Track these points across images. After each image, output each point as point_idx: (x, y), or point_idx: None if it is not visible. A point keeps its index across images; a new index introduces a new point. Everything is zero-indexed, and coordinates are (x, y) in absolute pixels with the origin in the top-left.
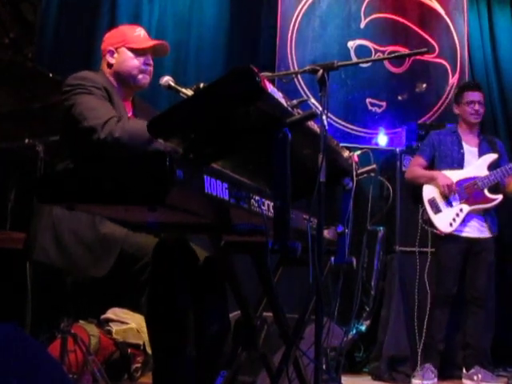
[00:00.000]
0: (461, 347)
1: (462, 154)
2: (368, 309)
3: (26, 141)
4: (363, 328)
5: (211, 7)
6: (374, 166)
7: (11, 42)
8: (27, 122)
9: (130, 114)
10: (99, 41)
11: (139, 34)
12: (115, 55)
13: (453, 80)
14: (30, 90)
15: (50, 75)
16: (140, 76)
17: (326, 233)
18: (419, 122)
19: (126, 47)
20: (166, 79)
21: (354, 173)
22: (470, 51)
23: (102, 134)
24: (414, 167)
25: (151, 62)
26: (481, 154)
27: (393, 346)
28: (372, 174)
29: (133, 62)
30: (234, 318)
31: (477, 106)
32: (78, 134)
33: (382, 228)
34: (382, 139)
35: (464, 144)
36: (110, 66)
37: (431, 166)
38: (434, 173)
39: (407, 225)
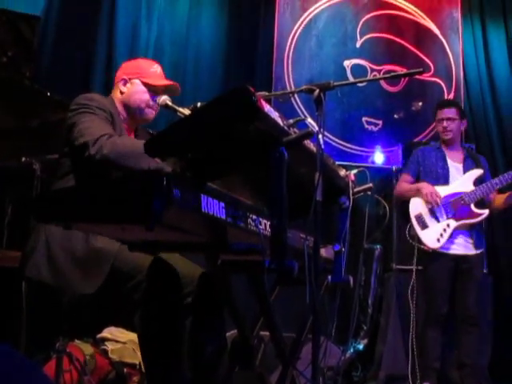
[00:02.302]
0: (456, 365)
1: (447, 170)
2: (365, 327)
3: (23, 159)
4: (361, 347)
5: (208, 27)
6: (371, 184)
7: (9, 60)
8: (24, 140)
9: None
10: (97, 60)
11: (155, 71)
12: (128, 85)
13: (448, 98)
14: (27, 108)
15: (48, 94)
16: (147, 110)
17: (322, 251)
18: (415, 140)
19: (141, 80)
20: (164, 98)
21: (351, 191)
22: (465, 70)
23: (92, 150)
24: (402, 183)
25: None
26: (465, 169)
27: (391, 365)
28: (368, 193)
29: (143, 96)
30: (231, 336)
31: (445, 123)
32: (74, 151)
33: (378, 246)
34: (379, 157)
35: (448, 160)
36: (121, 93)
37: (418, 181)
38: (419, 184)
39: (404, 243)
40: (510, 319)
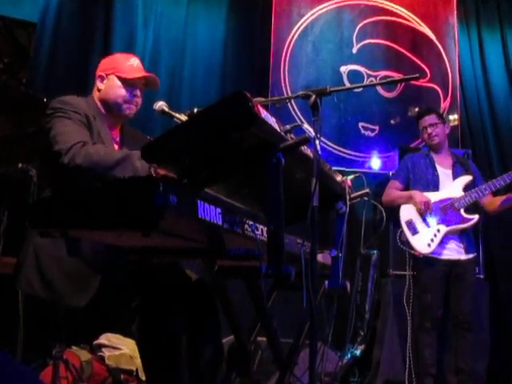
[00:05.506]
0: (453, 370)
1: (437, 176)
2: (362, 333)
3: (20, 165)
4: (358, 352)
5: (205, 33)
6: (367, 189)
7: (5, 66)
8: (21, 146)
9: (117, 140)
10: (93, 66)
11: (132, 64)
12: (104, 81)
13: (444, 104)
14: (23, 114)
15: (44, 100)
16: (125, 106)
17: (319, 257)
18: (411, 145)
19: (116, 75)
20: (160, 104)
21: (347, 197)
22: (461, 76)
23: (66, 158)
24: (391, 190)
25: (139, 93)
26: (455, 175)
27: (388, 371)
28: (365, 198)
29: (119, 91)
30: (228, 342)
31: (429, 130)
32: (50, 158)
33: (375, 252)
34: (375, 163)
35: (438, 166)
36: (98, 90)
37: (406, 188)
38: (411, 192)
39: (401, 248)
40: (508, 324)
